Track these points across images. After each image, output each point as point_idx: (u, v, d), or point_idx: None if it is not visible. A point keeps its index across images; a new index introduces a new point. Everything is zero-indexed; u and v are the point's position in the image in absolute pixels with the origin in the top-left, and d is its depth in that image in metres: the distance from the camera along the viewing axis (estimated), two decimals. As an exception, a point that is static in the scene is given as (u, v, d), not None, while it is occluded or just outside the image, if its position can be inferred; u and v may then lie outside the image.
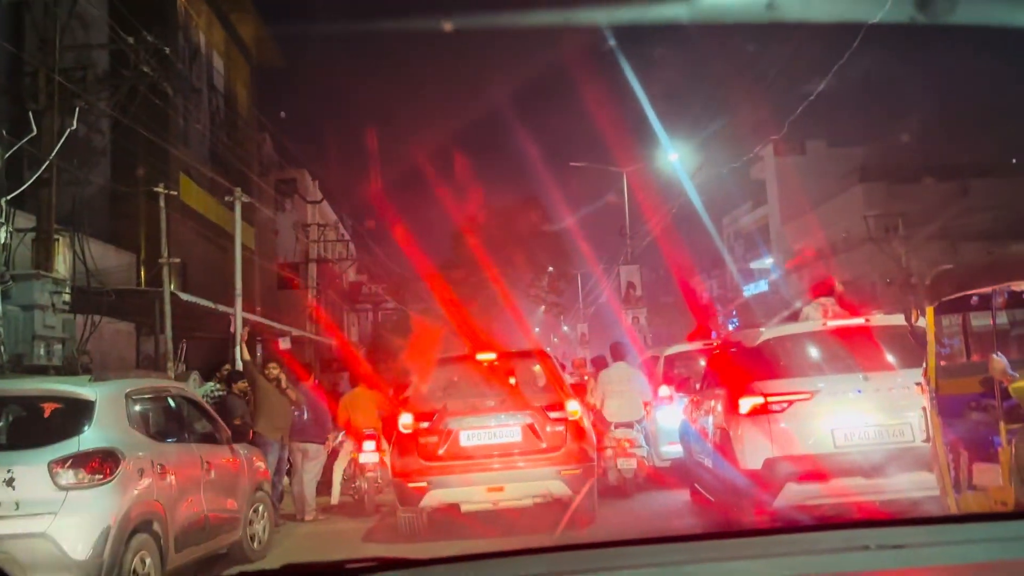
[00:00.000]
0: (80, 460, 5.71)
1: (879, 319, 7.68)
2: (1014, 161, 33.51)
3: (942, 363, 6.12)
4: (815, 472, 6.54)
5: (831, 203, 35.25)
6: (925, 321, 5.88)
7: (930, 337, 5.91)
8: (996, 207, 27.51)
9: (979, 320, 6.69)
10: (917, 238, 27.33)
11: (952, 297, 5.80)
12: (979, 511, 5.14)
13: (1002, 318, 7.35)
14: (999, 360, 5.22)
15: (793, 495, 6.56)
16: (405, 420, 8.32)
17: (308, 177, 33.90)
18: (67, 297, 12.43)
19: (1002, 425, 5.14)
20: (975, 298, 5.68)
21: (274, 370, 10.38)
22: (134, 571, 5.86)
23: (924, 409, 6.29)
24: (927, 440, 6.34)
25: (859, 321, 7.53)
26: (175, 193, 17.44)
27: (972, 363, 6.48)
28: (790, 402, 6.85)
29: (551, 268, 38.20)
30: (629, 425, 10.55)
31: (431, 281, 28.03)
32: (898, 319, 7.81)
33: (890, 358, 7.23)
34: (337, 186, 36.53)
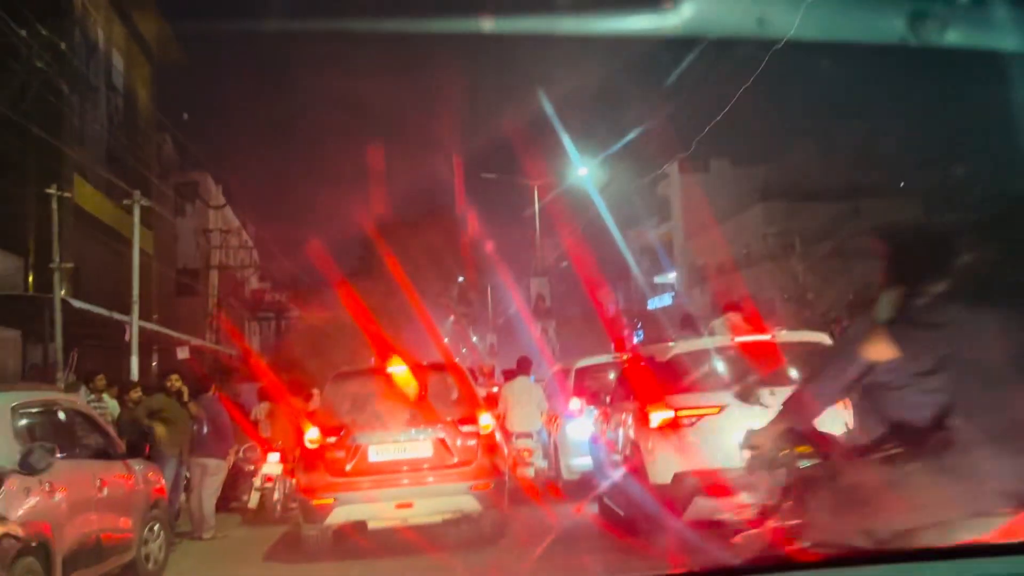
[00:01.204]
0: (-43, 479, 5.32)
1: (784, 335, 7.86)
2: (902, 184, 35.13)
3: None
4: (723, 486, 6.62)
5: (733, 220, 36.29)
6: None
7: None
8: (884, 226, 28.72)
9: None
10: (813, 256, 28.34)
11: None
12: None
13: None
14: None
15: (701, 510, 6.62)
16: (312, 435, 8.09)
17: (211, 181, 32.96)
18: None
19: None
20: None
21: (176, 382, 9.97)
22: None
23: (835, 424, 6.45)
24: None
25: (765, 337, 7.69)
26: (69, 195, 16.66)
27: None
28: (700, 416, 6.93)
29: (461, 278, 38.11)
30: (528, 435, 11.30)
31: (338, 289, 27.53)
32: (801, 335, 8.05)
33: (793, 373, 7.41)
34: (241, 191, 35.62)
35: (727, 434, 6.87)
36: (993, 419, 2.65)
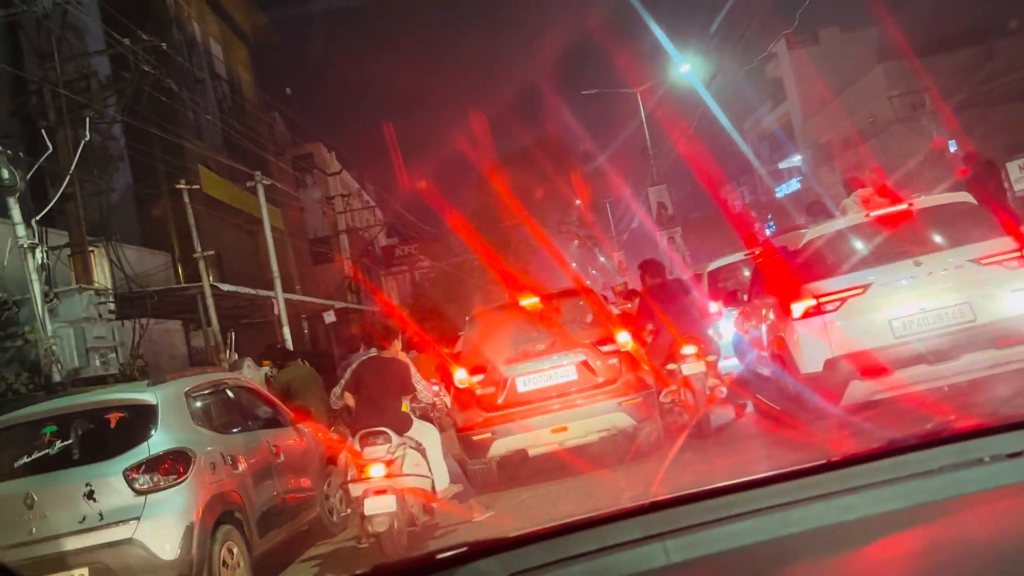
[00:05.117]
0: (153, 464, 5.82)
1: (923, 201, 7.48)
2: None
3: None
4: (877, 366, 6.45)
5: (852, 89, 34.35)
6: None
7: None
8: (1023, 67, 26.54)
9: None
10: (946, 111, 26.55)
11: None
12: None
13: None
14: None
15: (858, 393, 6.48)
16: (460, 375, 8.35)
17: (324, 150, 33.85)
18: (112, 306, 12.62)
19: None
20: None
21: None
22: (223, 562, 6.00)
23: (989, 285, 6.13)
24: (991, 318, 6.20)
25: (902, 207, 7.34)
26: (197, 187, 17.51)
27: None
28: (843, 299, 6.73)
29: (579, 202, 37.92)
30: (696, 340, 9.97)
31: (463, 233, 27.96)
32: (941, 198, 7.62)
33: (939, 239, 7.07)
34: (354, 154, 36.44)
35: (875, 313, 6.67)
36: None
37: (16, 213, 10.86)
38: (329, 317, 19.70)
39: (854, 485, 1.43)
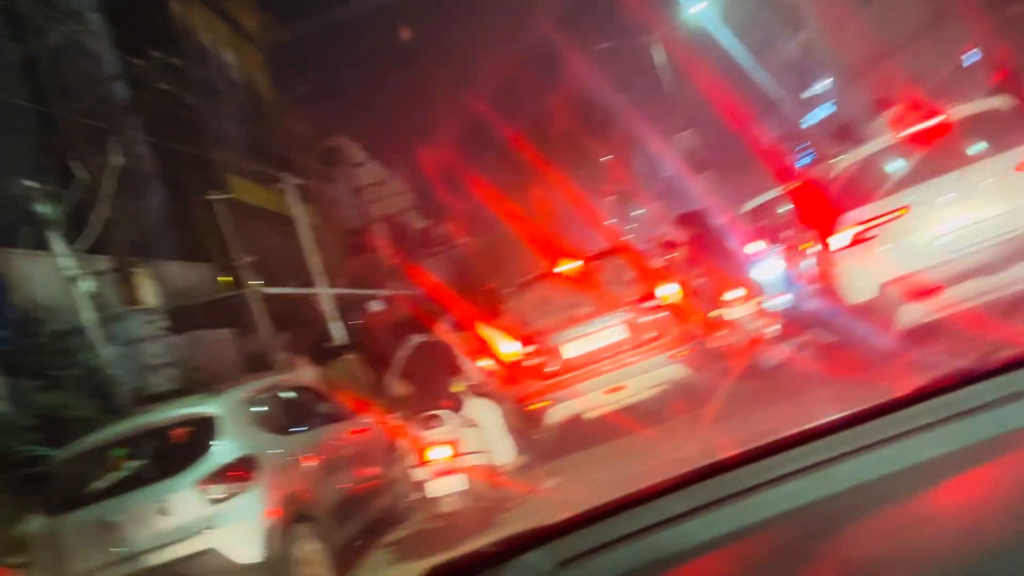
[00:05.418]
0: (221, 473, 5.96)
1: (958, 111, 7.24)
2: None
3: None
4: (925, 288, 6.32)
5: (875, 4, 33.36)
6: None
7: None
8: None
9: None
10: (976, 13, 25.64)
11: None
12: None
13: None
14: None
15: (909, 317, 6.37)
16: (510, 348, 8.39)
17: (349, 141, 33.97)
18: (163, 323, 12.88)
19: None
20: None
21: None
22: (302, 560, 6.13)
23: None
24: None
25: (937, 119, 7.12)
26: (231, 196, 17.72)
27: None
28: (883, 224, 6.60)
29: (609, 156, 37.61)
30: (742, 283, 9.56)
31: (495, 205, 27.91)
32: (977, 105, 7.36)
33: (978, 148, 6.87)
34: (380, 139, 36.50)
35: (918, 233, 6.53)
36: None
37: (59, 246, 11.10)
38: (375, 306, 19.89)
39: (916, 425, 1.38)
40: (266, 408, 7.16)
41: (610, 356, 8.08)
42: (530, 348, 8.30)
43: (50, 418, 9.60)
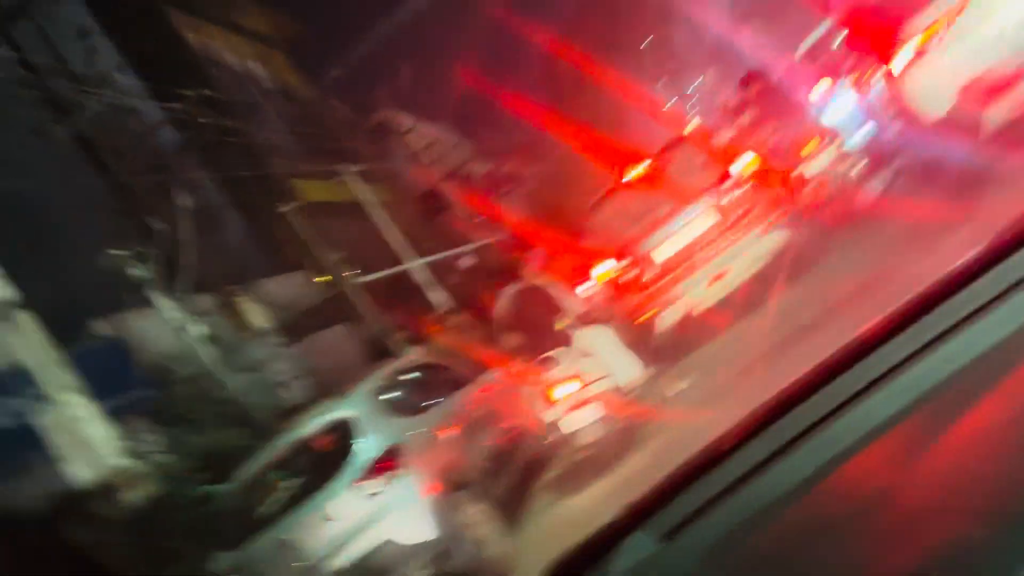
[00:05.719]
0: (371, 469, 6.21)
1: None
2: None
3: None
4: (1003, 83, 5.93)
5: None
6: None
7: None
8: None
9: None
10: None
11: None
12: None
13: None
14: None
15: (993, 118, 6.00)
16: (602, 268, 8.35)
17: (394, 112, 33.99)
18: (279, 339, 13.37)
19: None
20: None
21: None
22: (471, 523, 6.36)
23: None
24: None
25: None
26: (298, 202, 18.06)
27: None
28: (940, 31, 6.21)
29: (648, 39, 36.43)
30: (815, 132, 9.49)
31: (551, 126, 27.54)
32: None
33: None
34: (422, 100, 36.37)
35: (980, 29, 6.12)
36: None
37: (160, 299, 11.61)
38: (466, 262, 20.10)
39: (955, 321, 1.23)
40: (395, 394, 7.35)
41: (704, 246, 7.96)
42: (624, 262, 8.25)
43: (209, 456, 10.16)
